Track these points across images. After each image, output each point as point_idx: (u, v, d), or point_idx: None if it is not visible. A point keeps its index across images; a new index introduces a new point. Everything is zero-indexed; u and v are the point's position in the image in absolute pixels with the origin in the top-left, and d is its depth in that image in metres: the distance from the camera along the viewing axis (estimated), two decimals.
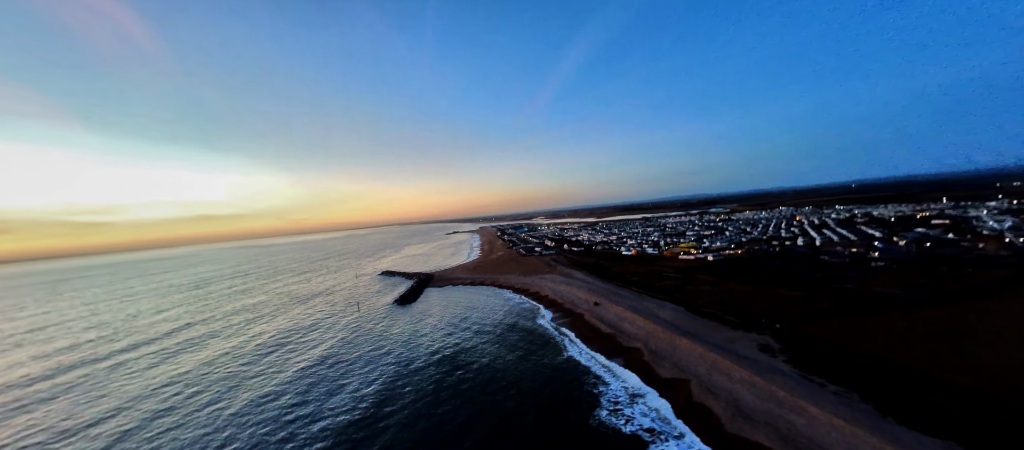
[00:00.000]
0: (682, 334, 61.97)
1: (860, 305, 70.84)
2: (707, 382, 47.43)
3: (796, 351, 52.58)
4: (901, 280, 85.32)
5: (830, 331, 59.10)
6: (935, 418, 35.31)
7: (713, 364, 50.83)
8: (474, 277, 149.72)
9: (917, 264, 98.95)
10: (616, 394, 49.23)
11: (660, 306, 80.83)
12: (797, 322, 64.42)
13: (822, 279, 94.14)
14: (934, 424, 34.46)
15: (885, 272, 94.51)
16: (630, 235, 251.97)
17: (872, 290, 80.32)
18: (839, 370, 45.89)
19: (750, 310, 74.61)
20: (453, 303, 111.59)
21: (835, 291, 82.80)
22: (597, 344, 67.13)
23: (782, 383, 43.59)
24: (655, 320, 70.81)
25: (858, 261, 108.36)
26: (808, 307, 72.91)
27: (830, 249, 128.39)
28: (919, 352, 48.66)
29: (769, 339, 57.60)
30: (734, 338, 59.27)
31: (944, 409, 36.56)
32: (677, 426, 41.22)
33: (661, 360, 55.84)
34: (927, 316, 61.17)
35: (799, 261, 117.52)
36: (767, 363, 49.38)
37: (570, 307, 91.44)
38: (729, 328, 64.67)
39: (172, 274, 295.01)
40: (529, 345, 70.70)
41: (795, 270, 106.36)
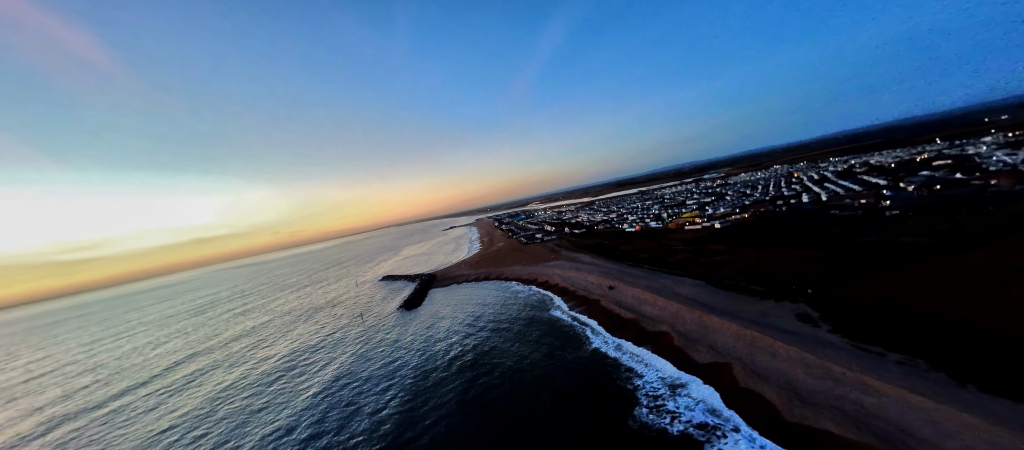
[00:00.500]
0: (710, 311, 58.16)
1: (888, 259, 67.41)
2: (751, 364, 43.67)
3: (838, 318, 48.88)
4: (923, 227, 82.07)
5: (867, 291, 55.54)
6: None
7: (752, 342, 47.07)
8: (478, 273, 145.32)
9: (933, 208, 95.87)
10: (654, 387, 45.38)
11: (678, 282, 77.01)
12: (829, 285, 60.85)
13: (839, 235, 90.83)
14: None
15: (902, 220, 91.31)
16: (630, 211, 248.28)
17: (896, 241, 77.00)
18: (893, 335, 42.21)
19: (774, 276, 71.01)
20: (461, 302, 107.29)
21: (856, 247, 79.43)
22: (621, 331, 63.27)
23: (835, 357, 39.85)
24: (677, 299, 66.95)
25: (871, 212, 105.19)
26: (834, 267, 69.40)
27: (839, 203, 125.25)
28: (974, 303, 45.06)
29: (805, 307, 53.90)
30: (766, 310, 55.54)
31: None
32: (730, 418, 37.45)
33: (694, 343, 52.03)
34: (966, 262, 57.72)
35: (810, 219, 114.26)
36: (812, 335, 45.66)
37: (584, 294, 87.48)
38: (758, 299, 60.95)
39: (169, 303, 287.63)
40: (550, 340, 66.72)
41: (809, 229, 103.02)
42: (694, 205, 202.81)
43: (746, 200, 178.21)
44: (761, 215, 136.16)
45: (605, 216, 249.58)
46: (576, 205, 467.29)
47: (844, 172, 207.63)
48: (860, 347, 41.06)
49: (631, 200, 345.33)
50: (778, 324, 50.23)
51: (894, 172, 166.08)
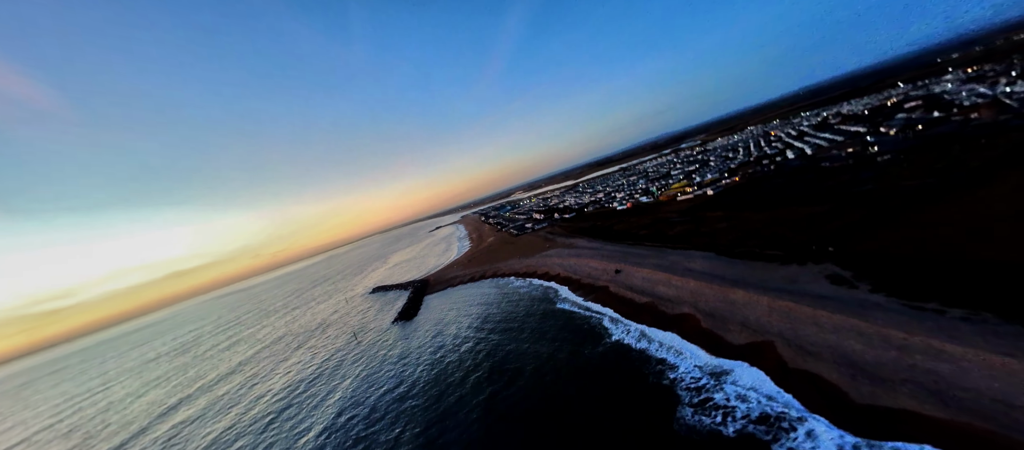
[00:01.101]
0: (732, 285, 54.13)
1: (899, 205, 64.89)
2: (795, 339, 39.60)
3: (875, 275, 45.34)
4: (922, 169, 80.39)
5: (893, 242, 52.42)
6: None
7: (790, 314, 43.08)
8: (472, 272, 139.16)
9: (924, 149, 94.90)
10: (693, 377, 40.89)
11: (687, 257, 73.04)
12: (848, 240, 57.66)
13: (837, 187, 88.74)
14: None
15: (897, 164, 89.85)
16: (616, 188, 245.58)
17: (899, 185, 74.91)
18: (943, 287, 38.68)
19: (786, 238, 67.76)
20: (460, 307, 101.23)
21: (859, 196, 77.15)
22: (640, 317, 58.76)
23: (890, 320, 36.03)
24: (692, 275, 62.85)
25: (862, 160, 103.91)
26: (845, 220, 66.58)
27: (826, 155, 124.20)
28: (1012, 243, 42.11)
29: (833, 267, 50.34)
30: (793, 276, 51.79)
31: None
32: (788, 405, 33.14)
33: (724, 323, 47.84)
34: (983, 200, 55.24)
35: (802, 174, 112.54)
36: (853, 298, 41.92)
37: (590, 281, 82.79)
38: (778, 264, 57.29)
39: (149, 345, 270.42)
40: (566, 335, 61.68)
41: (804, 184, 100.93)
42: (680, 175, 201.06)
43: (732, 164, 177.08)
44: (751, 176, 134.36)
45: (592, 197, 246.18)
46: (560, 189, 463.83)
47: (820, 125, 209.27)
48: (913, 306, 37.38)
49: (615, 178, 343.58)
50: (811, 290, 46.43)
51: (870, 119, 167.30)
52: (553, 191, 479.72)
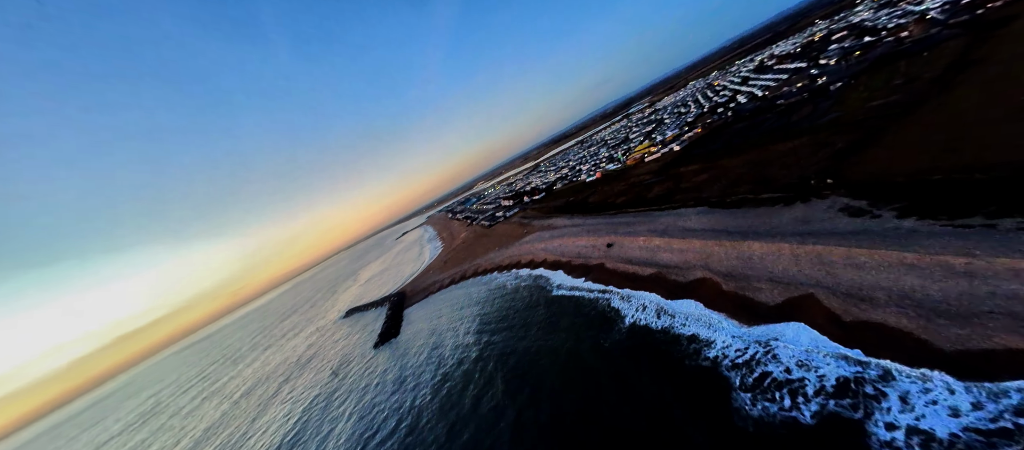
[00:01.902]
0: (741, 237, 49.47)
1: (877, 125, 63.23)
2: (838, 287, 34.91)
3: (891, 199, 41.77)
4: (879, 89, 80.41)
5: (888, 161, 49.62)
6: None
7: (820, 258, 38.53)
8: (451, 274, 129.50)
9: (871, 71, 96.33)
10: (737, 350, 35.29)
11: (679, 216, 68.42)
12: (842, 168, 54.76)
13: (802, 120, 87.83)
14: None
15: (852, 89, 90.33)
16: (579, 161, 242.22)
17: (866, 107, 74.14)
18: (976, 200, 35.11)
19: (776, 178, 64.61)
20: (447, 314, 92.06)
21: (830, 124, 75.86)
22: (652, 289, 53.07)
23: (936, 246, 31.92)
24: (692, 234, 57.97)
25: (816, 91, 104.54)
26: (827, 149, 64.37)
27: (779, 93, 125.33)
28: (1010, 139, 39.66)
29: (843, 199, 46.67)
30: (804, 216, 47.69)
31: None
32: (867, 366, 28.08)
33: (748, 281, 42.82)
34: (957, 103, 54.02)
35: (761, 115, 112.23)
36: (882, 229, 37.89)
37: (582, 262, 76.55)
38: (782, 206, 53.37)
39: (103, 424, 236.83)
40: (576, 325, 54.73)
41: (768, 124, 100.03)
42: (639, 137, 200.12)
43: (688, 118, 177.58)
44: (711, 126, 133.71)
45: (558, 173, 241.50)
46: (523, 172, 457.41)
47: (758, 68, 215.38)
48: (955, 226, 33.54)
49: (574, 152, 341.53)
50: (832, 227, 42.29)
51: (805, 55, 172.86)
52: (516, 175, 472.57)
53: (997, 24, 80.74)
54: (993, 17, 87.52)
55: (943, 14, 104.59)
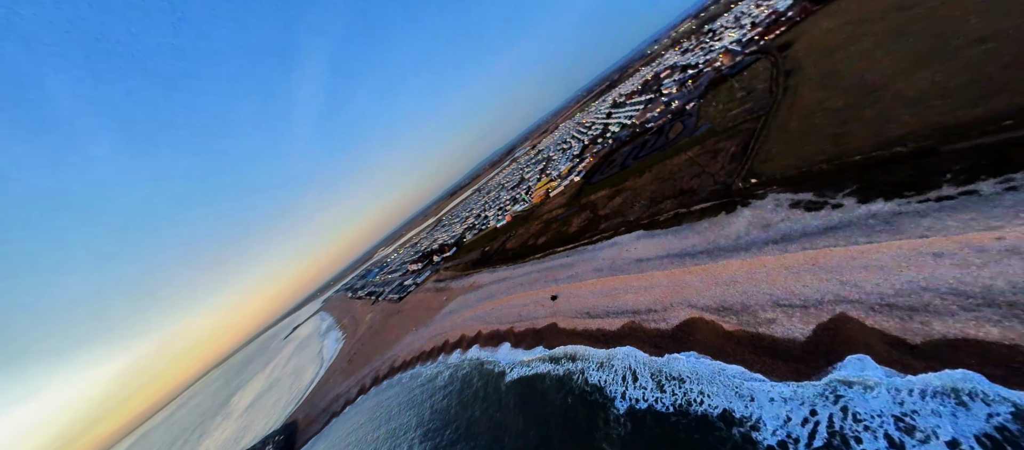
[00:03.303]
0: (709, 257, 42.00)
1: (748, 127, 67.32)
2: (869, 298, 27.55)
3: (833, 185, 38.91)
4: (727, 101, 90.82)
5: (792, 154, 49.75)
6: None
7: (821, 266, 31.72)
8: (359, 379, 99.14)
9: (713, 87, 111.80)
10: (802, 422, 24.09)
11: (620, 246, 60.42)
12: (756, 167, 54.00)
13: (680, 136, 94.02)
14: None
15: (706, 105, 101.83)
16: (483, 208, 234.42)
17: (728, 117, 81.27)
18: (930, 170, 32.93)
19: (695, 187, 62.45)
20: (366, 440, 64.55)
21: (708, 134, 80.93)
22: (631, 344, 40.69)
23: (948, 225, 27.25)
24: (648, 265, 49.33)
25: (677, 112, 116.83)
26: (722, 154, 65.72)
27: (644, 118, 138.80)
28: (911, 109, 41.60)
29: (783, 194, 43.27)
30: (757, 220, 42.72)
31: None
32: (998, 400, 19.20)
33: (752, 312, 33.77)
34: (805, 99, 59.79)
35: (641, 137, 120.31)
36: (859, 217, 33.31)
37: (527, 325, 61.40)
38: (724, 213, 48.56)
39: None
40: (555, 428, 38.17)
41: (656, 142, 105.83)
42: (535, 175, 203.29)
43: (574, 151, 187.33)
44: (600, 153, 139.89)
45: (463, 224, 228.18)
46: (426, 230, 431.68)
47: (614, 105, 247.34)
48: (934, 200, 29.99)
49: (475, 200, 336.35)
50: (801, 227, 37.12)
51: (648, 90, 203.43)
52: (419, 234, 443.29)
53: (781, 47, 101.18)
54: (772, 45, 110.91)
55: (738, 46, 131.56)
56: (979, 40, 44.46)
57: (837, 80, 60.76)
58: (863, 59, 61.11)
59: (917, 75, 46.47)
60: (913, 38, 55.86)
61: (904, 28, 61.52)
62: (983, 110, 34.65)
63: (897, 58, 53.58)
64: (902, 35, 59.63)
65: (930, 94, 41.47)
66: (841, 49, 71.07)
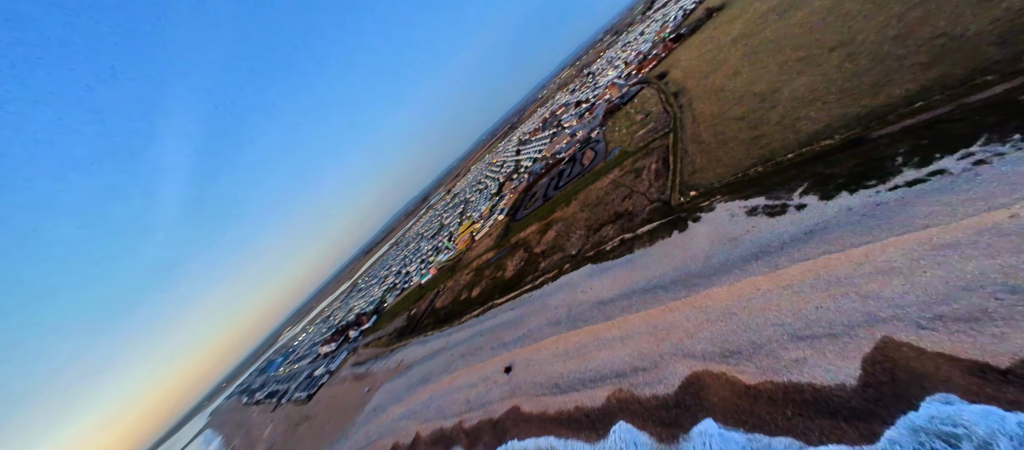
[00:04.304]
0: (685, 287, 34.91)
1: (660, 144, 67.63)
2: (911, 313, 21.82)
3: (785, 186, 36.25)
4: (631, 125, 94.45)
5: (721, 161, 48.44)
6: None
7: (828, 281, 26.08)
8: None
9: (607, 118, 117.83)
10: None
11: (572, 288, 51.28)
12: (691, 178, 51.53)
13: (594, 161, 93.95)
14: None
15: (610, 131, 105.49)
16: (403, 264, 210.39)
17: (636, 137, 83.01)
18: (879, 158, 31.19)
19: (632, 209, 58.05)
20: None
21: (622, 155, 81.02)
22: (627, 420, 29.84)
23: (937, 211, 23.82)
24: (613, 307, 40.61)
25: (585, 141, 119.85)
26: (645, 172, 64.01)
27: (554, 150, 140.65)
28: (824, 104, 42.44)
29: (734, 203, 39.56)
30: (721, 235, 37.65)
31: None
32: None
33: (769, 353, 26.17)
34: (704, 113, 62.29)
35: (556, 167, 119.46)
36: (836, 215, 29.36)
37: (480, 417, 46.08)
38: (677, 232, 42.88)
39: None
40: None
41: (569, 171, 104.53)
42: (456, 219, 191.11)
43: (492, 190, 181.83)
44: (519, 189, 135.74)
45: (383, 286, 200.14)
46: (339, 298, 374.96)
47: (520, 143, 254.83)
48: (905, 186, 27.27)
49: (393, 255, 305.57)
50: (775, 236, 32.32)
51: (549, 126, 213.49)
52: (332, 304, 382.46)
53: (660, 76, 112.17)
54: (650, 76, 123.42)
55: (622, 79, 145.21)
56: (833, 48, 49.56)
57: (725, 94, 64.64)
58: (739, 76, 66.55)
59: (798, 81, 49.67)
60: (773, 55, 62.33)
61: (759, 49, 69.72)
62: (884, 98, 35.58)
63: (770, 71, 58.45)
64: (761, 54, 66.99)
65: (823, 92, 43.32)
66: (714, 71, 78.29)
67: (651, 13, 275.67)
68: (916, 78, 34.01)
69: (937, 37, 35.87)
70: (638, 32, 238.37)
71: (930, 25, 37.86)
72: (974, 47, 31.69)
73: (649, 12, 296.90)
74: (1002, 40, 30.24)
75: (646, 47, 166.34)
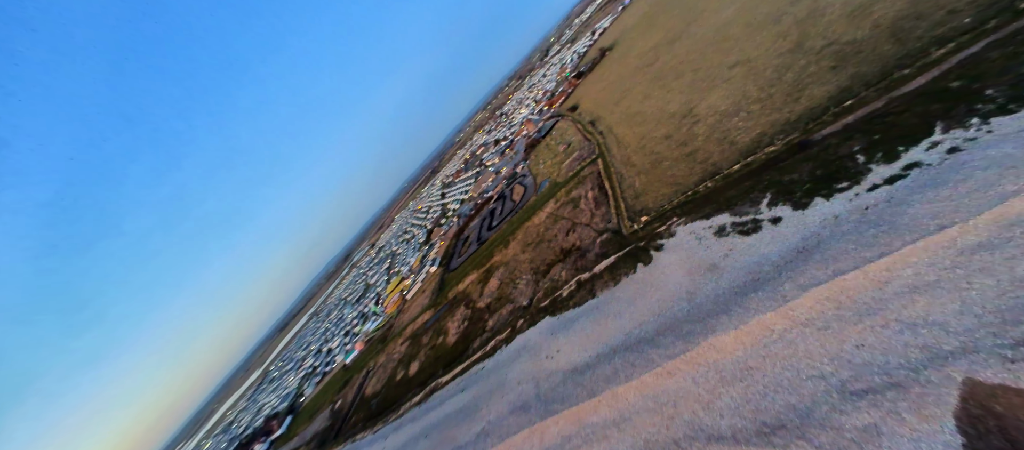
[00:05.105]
0: (678, 338, 27.58)
1: (590, 171, 65.05)
2: (975, 342, 16.74)
3: (739, 202, 32.55)
4: (553, 156, 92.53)
5: (661, 181, 45.30)
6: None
7: (847, 307, 20.68)
8: None
9: (528, 152, 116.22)
10: None
11: (534, 355, 41.11)
12: (630, 206, 47.17)
13: (525, 196, 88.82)
14: None
15: (534, 164, 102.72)
16: (323, 340, 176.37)
17: (564, 167, 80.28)
18: (837, 160, 28.97)
19: (580, 244, 51.56)
20: None
21: (553, 187, 76.81)
22: None
23: (952, 203, 20.55)
24: (592, 375, 31.48)
25: (510, 177, 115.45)
26: (583, 201, 59.44)
27: (480, 188, 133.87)
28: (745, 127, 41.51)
29: (695, 224, 34.84)
30: (697, 264, 32.04)
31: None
32: None
33: (821, 427, 19.18)
34: (627, 135, 61.27)
35: (485, 207, 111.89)
36: (826, 225, 25.43)
37: None
38: (642, 265, 36.96)
39: None
40: None
41: (500, 209, 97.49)
42: (382, 278, 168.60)
43: (420, 239, 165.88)
44: (451, 234, 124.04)
45: (299, 373, 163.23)
46: (246, 395, 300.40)
47: (445, 186, 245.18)
48: (884, 184, 24.36)
49: (312, 329, 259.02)
50: (762, 258, 27.23)
51: (472, 166, 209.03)
52: (235, 407, 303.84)
53: (571, 108, 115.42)
54: (562, 109, 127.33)
55: (536, 116, 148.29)
56: (733, 66, 51.87)
57: (642, 116, 64.88)
58: (650, 99, 68.07)
59: (711, 97, 50.32)
60: (677, 78, 64.96)
61: (661, 75, 73.30)
62: (807, 100, 35.19)
63: (680, 91, 59.94)
64: (665, 78, 70.02)
65: (742, 104, 43.22)
66: (623, 98, 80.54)
67: (548, 59, 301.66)
68: (830, 80, 34.13)
69: (829, 45, 37.45)
70: (540, 75, 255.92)
71: (817, 38, 39.98)
72: (871, 48, 32.66)
73: (546, 58, 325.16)
74: (894, 37, 31.31)
75: (552, 86, 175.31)
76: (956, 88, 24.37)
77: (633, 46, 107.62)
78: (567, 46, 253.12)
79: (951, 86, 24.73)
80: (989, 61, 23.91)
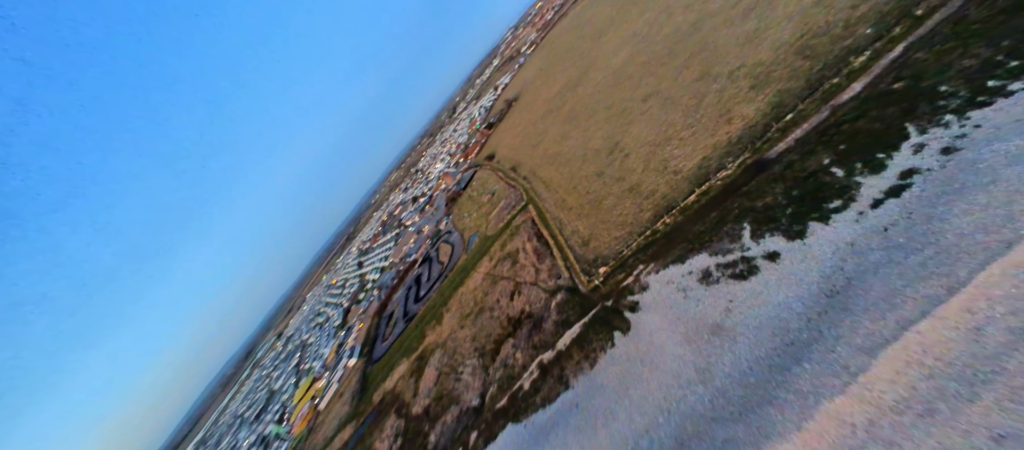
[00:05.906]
0: (678, 446, 18.52)
1: (522, 221, 57.84)
2: None
3: (712, 239, 26.65)
4: (478, 207, 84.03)
5: (615, 226, 39.10)
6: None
7: (940, 372, 14.22)
8: None
9: (450, 205, 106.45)
10: None
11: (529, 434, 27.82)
12: (579, 257, 39.54)
13: (453, 258, 77.17)
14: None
15: (458, 219, 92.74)
16: (257, 412, 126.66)
17: (492, 219, 71.83)
18: (812, 177, 24.92)
19: (530, 310, 41.29)
20: None
21: (484, 242, 67.19)
22: None
23: (997, 214, 16.15)
24: None
25: (434, 235, 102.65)
26: (524, 255, 50.68)
27: (401, 253, 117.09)
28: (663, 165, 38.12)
29: (668, 270, 27.83)
30: (697, 324, 24.17)
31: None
32: None
33: None
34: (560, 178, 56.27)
35: (409, 273, 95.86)
36: (839, 256, 19.78)
37: None
38: (623, 335, 28.28)
39: None
40: None
41: (427, 275, 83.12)
42: (290, 382, 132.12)
43: (335, 321, 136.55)
44: (373, 312, 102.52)
45: None
46: None
47: (362, 253, 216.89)
48: (894, 193, 19.95)
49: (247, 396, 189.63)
50: (780, 309, 20.37)
51: (391, 227, 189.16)
52: None
53: (488, 157, 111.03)
54: (478, 160, 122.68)
55: (453, 168, 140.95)
56: (646, 98, 51.12)
57: (566, 156, 60.90)
58: (568, 139, 65.25)
59: (634, 129, 47.89)
60: (590, 117, 63.63)
61: (573, 115, 72.22)
62: (740, 121, 32.87)
63: (597, 128, 57.70)
64: (578, 118, 68.71)
65: (671, 130, 40.51)
66: (541, 141, 77.56)
67: (456, 116, 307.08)
68: (755, 99, 32.43)
69: (739, 68, 37.05)
70: (451, 130, 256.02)
71: (722, 64, 39.97)
72: (785, 66, 31.96)
73: (454, 115, 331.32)
74: (803, 55, 30.84)
75: (464, 138, 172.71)
76: (903, 89, 22.45)
77: (538, 94, 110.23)
78: (473, 102, 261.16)
79: (895, 88, 22.81)
80: (921, 61, 22.69)
